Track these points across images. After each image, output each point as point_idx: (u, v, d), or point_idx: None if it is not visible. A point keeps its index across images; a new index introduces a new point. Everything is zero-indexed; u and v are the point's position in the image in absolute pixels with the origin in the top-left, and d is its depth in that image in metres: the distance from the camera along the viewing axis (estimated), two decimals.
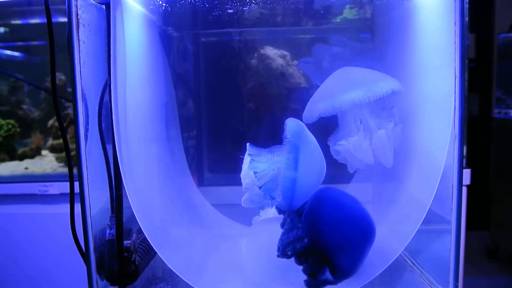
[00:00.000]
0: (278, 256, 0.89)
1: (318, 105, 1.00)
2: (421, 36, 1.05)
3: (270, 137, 0.95)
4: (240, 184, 1.43)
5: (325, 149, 1.00)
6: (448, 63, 0.86)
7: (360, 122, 1.00)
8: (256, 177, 0.90)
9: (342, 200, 0.93)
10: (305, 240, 0.87)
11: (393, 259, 0.94)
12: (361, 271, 0.93)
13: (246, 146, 0.96)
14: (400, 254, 1.00)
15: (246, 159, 0.93)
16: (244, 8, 1.28)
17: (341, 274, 0.89)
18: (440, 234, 0.96)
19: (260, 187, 0.90)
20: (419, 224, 0.91)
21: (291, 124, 0.90)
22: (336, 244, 0.87)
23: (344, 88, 0.99)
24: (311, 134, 0.94)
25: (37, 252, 2.05)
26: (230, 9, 1.27)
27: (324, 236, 0.86)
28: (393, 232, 1.05)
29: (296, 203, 0.91)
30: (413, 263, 1.11)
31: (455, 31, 0.84)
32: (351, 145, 0.98)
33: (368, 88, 0.95)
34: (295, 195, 0.88)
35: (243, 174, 0.92)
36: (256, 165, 0.91)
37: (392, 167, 1.21)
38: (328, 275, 0.90)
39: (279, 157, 0.91)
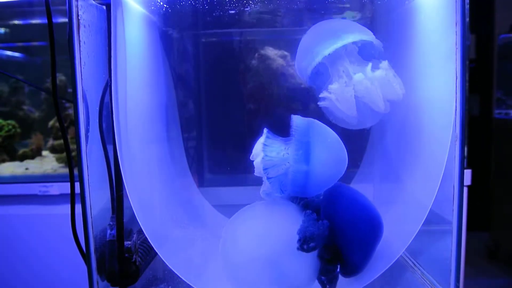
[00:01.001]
0: (298, 248, 0.84)
1: (301, 63, 1.02)
2: (421, 36, 1.04)
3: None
4: (239, 185, 1.43)
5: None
6: (449, 64, 0.86)
7: (343, 72, 0.98)
8: (266, 173, 0.88)
9: (357, 196, 0.94)
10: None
11: (394, 260, 0.94)
12: (362, 271, 0.93)
13: (247, 145, 0.95)
14: (401, 255, 1.00)
15: (258, 149, 0.91)
16: (244, 9, 1.28)
17: (352, 270, 0.89)
18: (441, 234, 0.96)
19: (270, 180, 0.89)
20: (420, 225, 0.91)
21: (296, 122, 0.89)
22: (352, 240, 0.88)
23: (317, 41, 0.99)
24: (327, 126, 0.92)
25: (37, 253, 2.05)
26: (230, 9, 1.27)
27: (341, 231, 0.87)
28: (394, 233, 1.05)
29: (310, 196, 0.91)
30: (414, 263, 1.11)
31: (456, 32, 0.84)
32: (333, 95, 0.95)
33: (337, 38, 0.96)
34: (308, 189, 0.88)
35: (256, 163, 0.90)
36: (268, 159, 0.89)
37: (392, 167, 1.22)
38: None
39: (291, 150, 0.89)
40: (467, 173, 1.81)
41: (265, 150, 0.89)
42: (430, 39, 1.00)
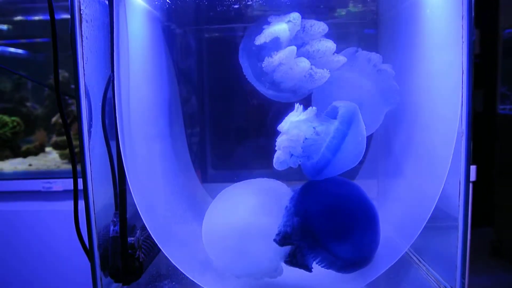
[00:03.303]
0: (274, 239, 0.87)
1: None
2: (427, 30, 1.03)
3: (274, 133, 0.93)
4: (242, 180, 1.42)
5: None
6: (455, 58, 0.85)
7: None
8: (303, 151, 0.86)
9: (331, 187, 0.92)
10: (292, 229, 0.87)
11: (399, 257, 0.93)
12: (367, 268, 0.92)
13: (250, 141, 0.94)
14: (405, 251, 0.99)
15: (299, 119, 0.87)
16: (247, 3, 1.27)
17: (346, 263, 0.87)
18: (446, 231, 0.95)
19: (293, 157, 0.87)
20: (425, 221, 0.90)
21: (343, 110, 0.86)
22: (331, 233, 0.85)
23: None
24: (363, 123, 0.90)
25: (41, 249, 2.05)
26: (233, 4, 1.26)
27: (316, 227, 0.85)
28: (399, 229, 1.04)
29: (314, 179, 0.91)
30: (419, 260, 1.11)
31: (462, 25, 0.83)
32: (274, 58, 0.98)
33: None
34: (321, 174, 0.88)
35: (284, 139, 0.87)
36: (307, 141, 0.86)
37: (397, 163, 1.21)
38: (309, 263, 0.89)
39: (321, 131, 0.87)
40: (472, 169, 1.79)
41: (304, 129, 0.86)
42: (435, 33, 0.99)
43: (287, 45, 1.01)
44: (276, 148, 0.89)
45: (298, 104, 0.91)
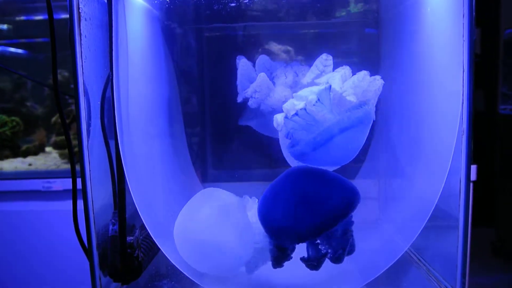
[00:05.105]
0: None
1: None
2: (428, 29, 1.03)
3: (274, 132, 0.93)
4: (243, 180, 1.42)
5: None
6: (456, 57, 0.85)
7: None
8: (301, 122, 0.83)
9: (273, 189, 0.92)
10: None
11: (399, 256, 0.93)
12: (367, 267, 0.92)
13: (250, 141, 0.94)
14: (406, 251, 0.99)
15: (311, 89, 0.84)
16: (247, 2, 1.27)
17: (314, 230, 0.85)
18: (447, 230, 0.95)
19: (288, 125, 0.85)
20: (426, 221, 0.90)
21: (347, 115, 0.83)
22: (293, 224, 0.85)
23: None
24: (366, 132, 0.87)
25: (41, 249, 2.05)
26: (233, 3, 1.25)
27: (277, 229, 0.87)
28: (399, 229, 1.04)
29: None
30: (419, 259, 1.10)
31: (463, 24, 0.82)
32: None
33: None
34: (300, 160, 0.89)
35: (299, 93, 0.85)
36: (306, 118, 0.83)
37: (397, 162, 1.21)
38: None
39: (329, 119, 0.83)
40: (473, 168, 1.79)
41: (313, 97, 0.82)
42: (436, 32, 0.99)
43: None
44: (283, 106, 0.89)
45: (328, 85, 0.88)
